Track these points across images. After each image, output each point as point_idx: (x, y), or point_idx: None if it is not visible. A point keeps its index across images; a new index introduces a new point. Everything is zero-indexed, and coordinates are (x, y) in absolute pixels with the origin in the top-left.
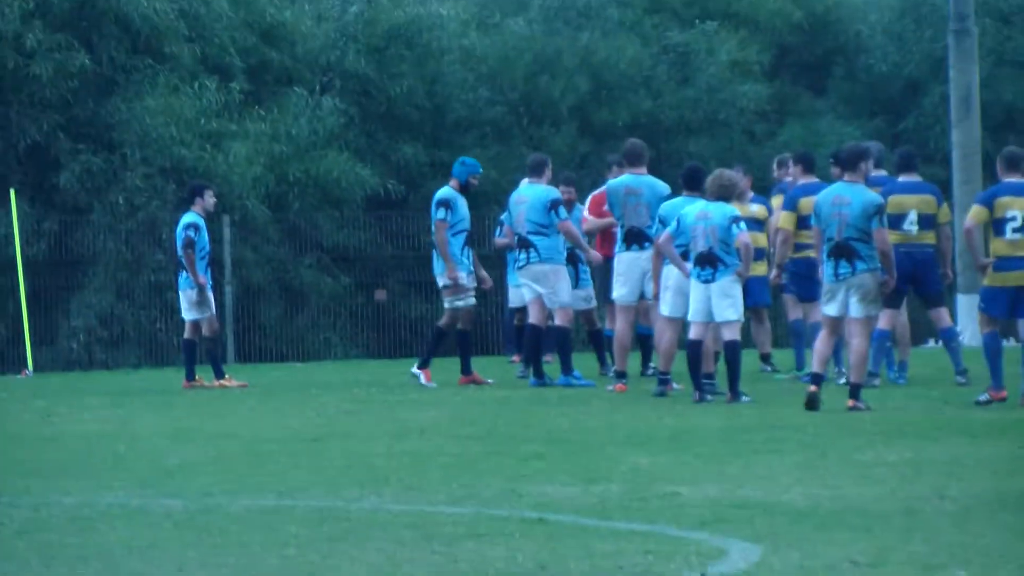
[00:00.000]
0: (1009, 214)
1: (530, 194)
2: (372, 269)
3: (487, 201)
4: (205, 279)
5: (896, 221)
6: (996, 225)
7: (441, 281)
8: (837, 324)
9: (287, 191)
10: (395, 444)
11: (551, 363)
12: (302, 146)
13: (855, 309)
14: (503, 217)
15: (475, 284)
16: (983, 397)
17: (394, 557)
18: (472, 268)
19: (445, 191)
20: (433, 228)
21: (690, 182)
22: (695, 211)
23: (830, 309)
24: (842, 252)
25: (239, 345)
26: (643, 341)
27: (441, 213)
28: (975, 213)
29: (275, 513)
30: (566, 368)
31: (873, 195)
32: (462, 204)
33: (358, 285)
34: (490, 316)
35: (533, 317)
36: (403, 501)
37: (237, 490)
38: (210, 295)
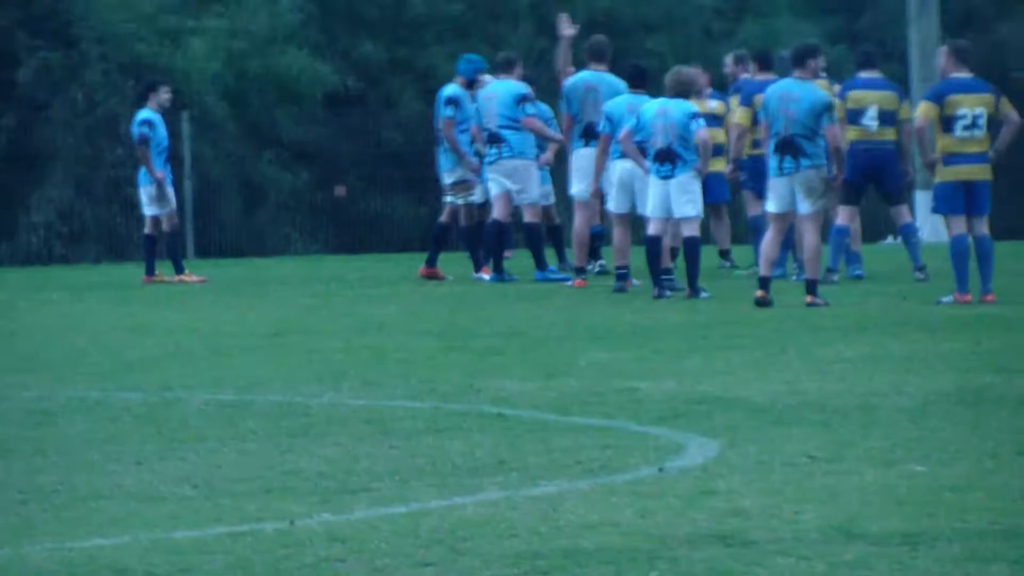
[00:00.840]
0: (960, 112)
1: (500, 89)
2: (331, 165)
3: None
4: (163, 174)
5: (855, 116)
6: (945, 123)
7: (451, 178)
8: (781, 221)
9: (246, 87)
10: (354, 339)
11: (510, 259)
12: (261, 42)
13: (802, 206)
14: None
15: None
16: (947, 299)
17: (352, 452)
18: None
19: (452, 88)
20: (440, 126)
21: (634, 80)
22: (654, 108)
23: (773, 205)
24: (787, 148)
25: (199, 240)
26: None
27: (450, 111)
28: (925, 110)
29: (234, 408)
30: (540, 264)
31: (822, 93)
32: (468, 102)
33: (317, 181)
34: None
35: (497, 212)
36: (362, 396)
37: (196, 385)
38: (170, 190)
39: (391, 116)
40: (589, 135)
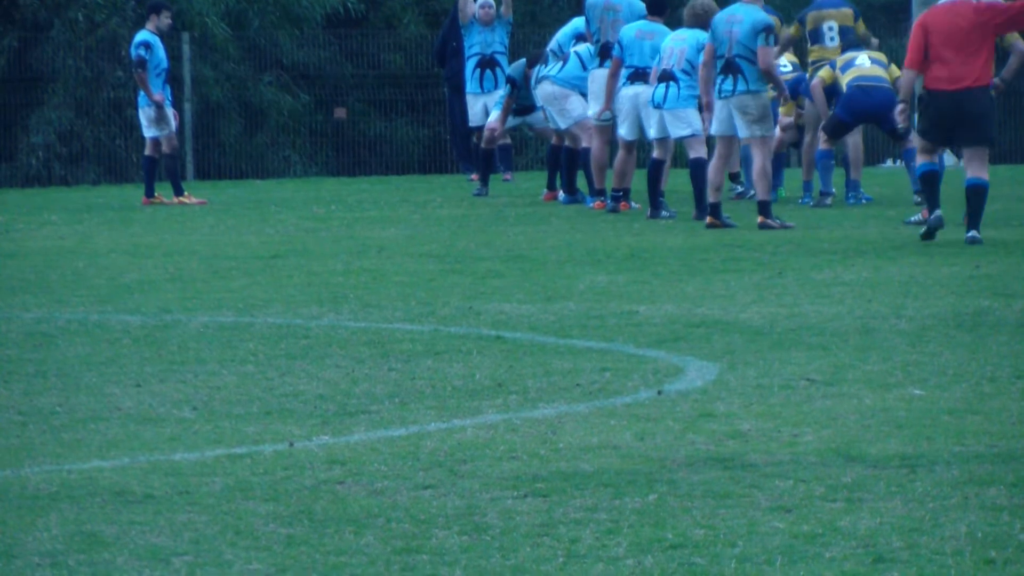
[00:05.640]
0: None
1: None
2: (332, 87)
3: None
4: (162, 96)
5: (816, 36)
6: None
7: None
8: (723, 144)
9: (246, 8)
10: (353, 262)
11: (510, 181)
12: None
13: (742, 130)
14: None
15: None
16: (914, 219)
17: (352, 374)
18: None
19: None
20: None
21: (652, 7)
22: (671, 36)
23: (713, 127)
24: (729, 69)
25: (198, 162)
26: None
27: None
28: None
29: (233, 330)
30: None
31: (764, 15)
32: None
33: (318, 103)
34: (447, 135)
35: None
36: (361, 318)
37: (196, 307)
38: (169, 112)
39: (392, 38)
40: (605, 55)
